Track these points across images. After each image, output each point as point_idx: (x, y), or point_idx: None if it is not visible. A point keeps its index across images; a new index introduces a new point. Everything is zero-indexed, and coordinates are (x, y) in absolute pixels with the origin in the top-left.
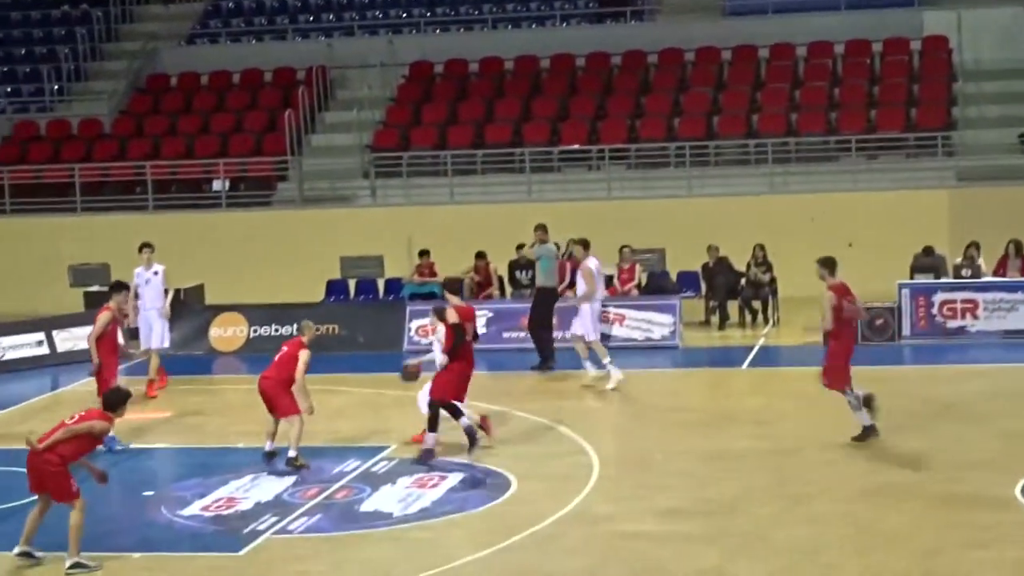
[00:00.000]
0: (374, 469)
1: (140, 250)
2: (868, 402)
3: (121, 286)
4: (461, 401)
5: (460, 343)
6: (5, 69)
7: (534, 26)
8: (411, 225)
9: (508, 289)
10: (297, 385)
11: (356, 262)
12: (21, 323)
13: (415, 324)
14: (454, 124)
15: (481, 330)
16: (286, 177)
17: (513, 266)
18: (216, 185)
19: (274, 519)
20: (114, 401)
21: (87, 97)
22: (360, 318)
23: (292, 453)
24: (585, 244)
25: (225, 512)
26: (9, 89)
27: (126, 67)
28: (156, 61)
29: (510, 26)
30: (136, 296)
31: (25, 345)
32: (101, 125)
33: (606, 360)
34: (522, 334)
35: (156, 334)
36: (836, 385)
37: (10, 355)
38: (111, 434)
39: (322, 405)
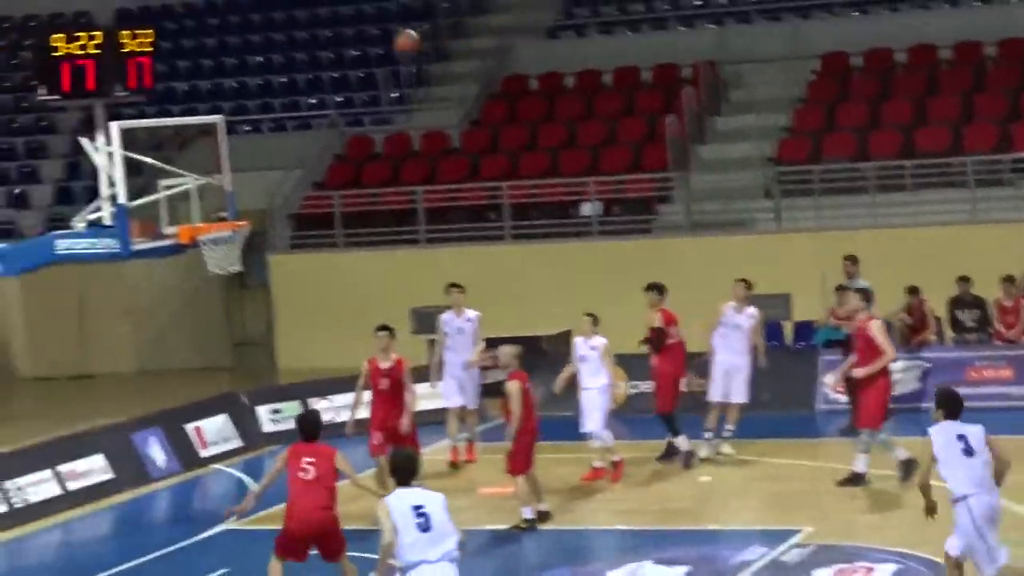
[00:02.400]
0: (783, 558)
1: (448, 290)
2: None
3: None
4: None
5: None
6: (336, 75)
7: (976, 3)
8: (824, 254)
9: (948, 333)
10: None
11: (758, 301)
12: (343, 381)
13: (830, 378)
14: (877, 128)
15: (915, 384)
16: (670, 198)
17: (954, 304)
18: (585, 209)
19: None
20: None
21: (431, 106)
22: (763, 370)
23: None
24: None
25: None
26: (340, 99)
27: (476, 68)
28: (512, 59)
29: (946, 5)
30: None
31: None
32: (448, 139)
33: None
34: (968, 390)
35: (469, 394)
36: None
37: (329, 417)
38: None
39: (718, 479)
